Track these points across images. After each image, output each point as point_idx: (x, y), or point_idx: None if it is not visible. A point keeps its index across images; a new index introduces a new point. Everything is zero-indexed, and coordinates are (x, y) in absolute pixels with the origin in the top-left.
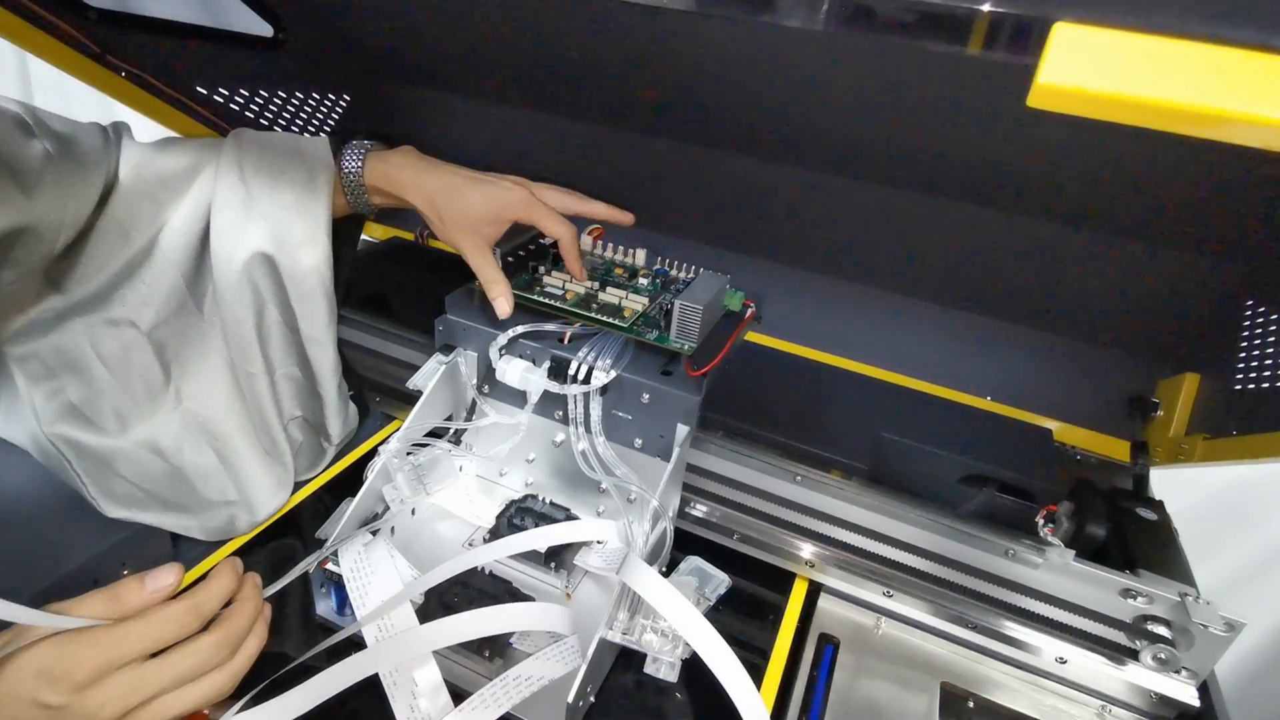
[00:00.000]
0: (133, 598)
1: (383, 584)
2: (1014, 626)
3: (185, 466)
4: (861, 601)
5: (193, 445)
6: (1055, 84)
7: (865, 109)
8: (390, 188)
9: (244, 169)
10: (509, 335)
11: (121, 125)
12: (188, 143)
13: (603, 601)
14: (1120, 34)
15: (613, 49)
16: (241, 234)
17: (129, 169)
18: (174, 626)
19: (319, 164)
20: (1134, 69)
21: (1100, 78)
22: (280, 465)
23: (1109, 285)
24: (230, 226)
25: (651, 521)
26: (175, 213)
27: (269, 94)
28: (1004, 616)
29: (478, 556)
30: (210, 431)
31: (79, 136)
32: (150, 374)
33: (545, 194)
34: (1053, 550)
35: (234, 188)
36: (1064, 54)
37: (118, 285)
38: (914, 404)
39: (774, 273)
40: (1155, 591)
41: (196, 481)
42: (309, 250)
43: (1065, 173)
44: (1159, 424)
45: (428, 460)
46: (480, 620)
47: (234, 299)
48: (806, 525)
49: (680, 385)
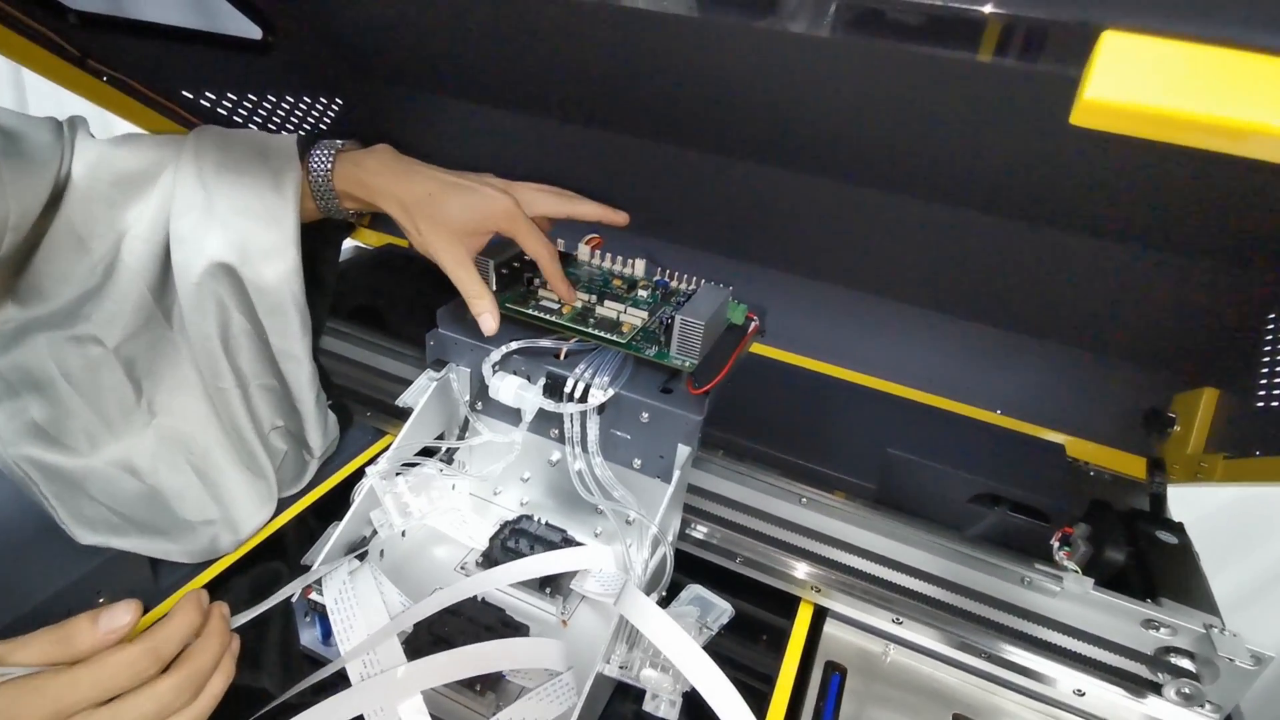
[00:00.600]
0: (84, 639)
1: (369, 615)
2: (1029, 656)
3: (161, 486)
4: (869, 628)
5: (169, 463)
6: (1104, 99)
7: (873, 114)
8: (362, 194)
9: (203, 170)
10: (503, 351)
11: (78, 120)
12: (149, 139)
13: (600, 628)
14: (1180, 44)
15: (610, 52)
16: (200, 243)
17: (83, 168)
18: (128, 672)
19: (285, 166)
20: (1196, 84)
21: (1157, 93)
22: (262, 480)
23: (1124, 294)
24: (188, 234)
25: (651, 548)
26: (135, 218)
27: (258, 98)
28: (1019, 645)
29: (466, 589)
30: (187, 447)
31: (26, 131)
32: (120, 391)
33: (532, 196)
34: (1070, 578)
35: (192, 191)
36: (1114, 66)
37: (81, 301)
38: (922, 418)
39: (778, 282)
40: (1179, 623)
41: (174, 502)
42: (276, 262)
43: (1079, 180)
44: (1176, 440)
45: (418, 481)
46: (470, 659)
47: (195, 313)
48: (812, 549)
49: (681, 404)
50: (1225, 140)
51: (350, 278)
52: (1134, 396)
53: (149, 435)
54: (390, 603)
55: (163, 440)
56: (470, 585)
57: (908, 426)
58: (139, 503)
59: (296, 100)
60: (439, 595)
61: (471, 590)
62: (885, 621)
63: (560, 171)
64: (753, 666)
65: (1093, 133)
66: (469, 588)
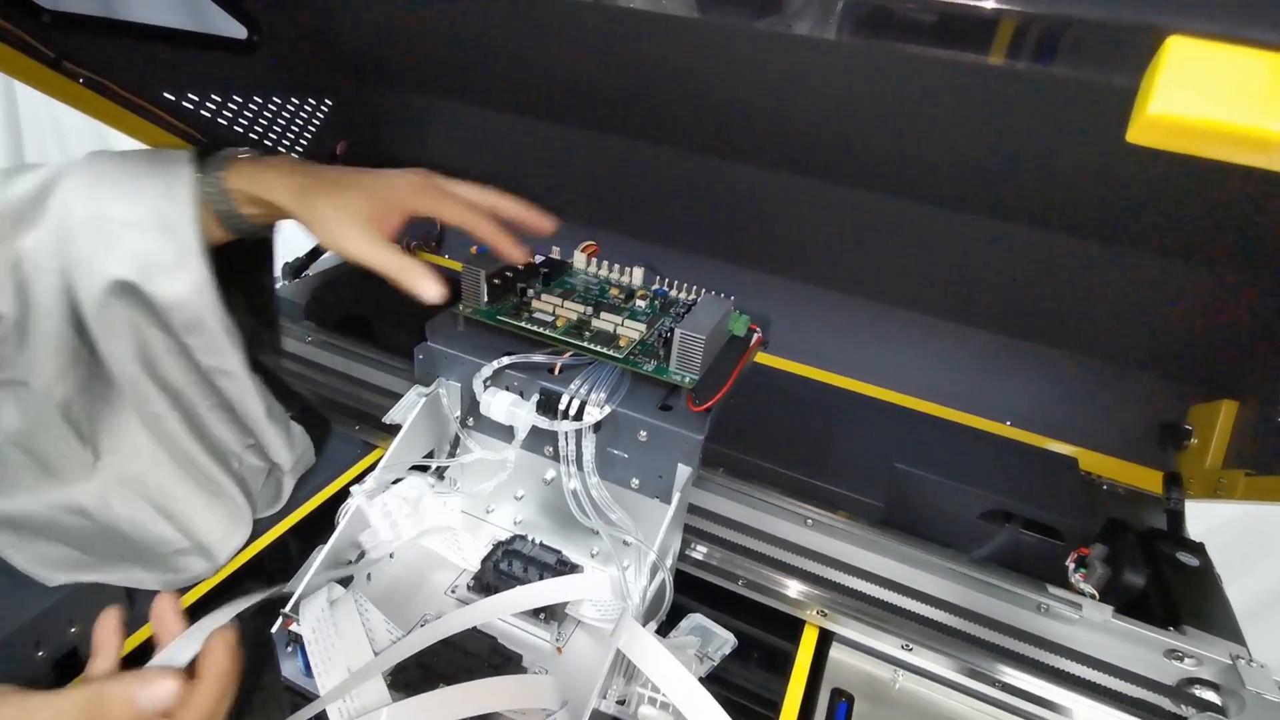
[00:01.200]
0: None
1: (350, 648)
2: (1045, 685)
3: (117, 522)
4: (878, 653)
5: (123, 498)
6: (1170, 114)
7: (882, 117)
8: (257, 189)
9: (96, 189)
10: (494, 366)
11: None
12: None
13: (597, 655)
14: (1259, 54)
15: (607, 52)
16: (98, 263)
17: None
18: None
19: (176, 173)
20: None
21: (1232, 108)
22: (230, 503)
23: (1138, 302)
24: (85, 256)
25: (650, 574)
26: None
27: (243, 99)
28: (1034, 674)
29: (454, 624)
30: (140, 483)
31: None
32: (58, 436)
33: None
34: (1090, 605)
35: (84, 210)
36: (1181, 76)
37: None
38: (930, 431)
39: (781, 289)
40: (1204, 653)
41: (134, 534)
42: (180, 275)
43: (1095, 187)
44: (1193, 453)
45: (408, 499)
46: (458, 700)
47: (107, 337)
48: (819, 573)
49: (681, 422)
50: None
51: (339, 285)
52: (1149, 408)
53: (95, 478)
54: (376, 632)
55: (112, 481)
56: (458, 621)
57: (915, 439)
58: (99, 539)
59: (284, 102)
60: (424, 632)
61: (459, 626)
62: (894, 647)
63: (559, 174)
64: (757, 692)
65: (1116, 141)
66: (456, 624)
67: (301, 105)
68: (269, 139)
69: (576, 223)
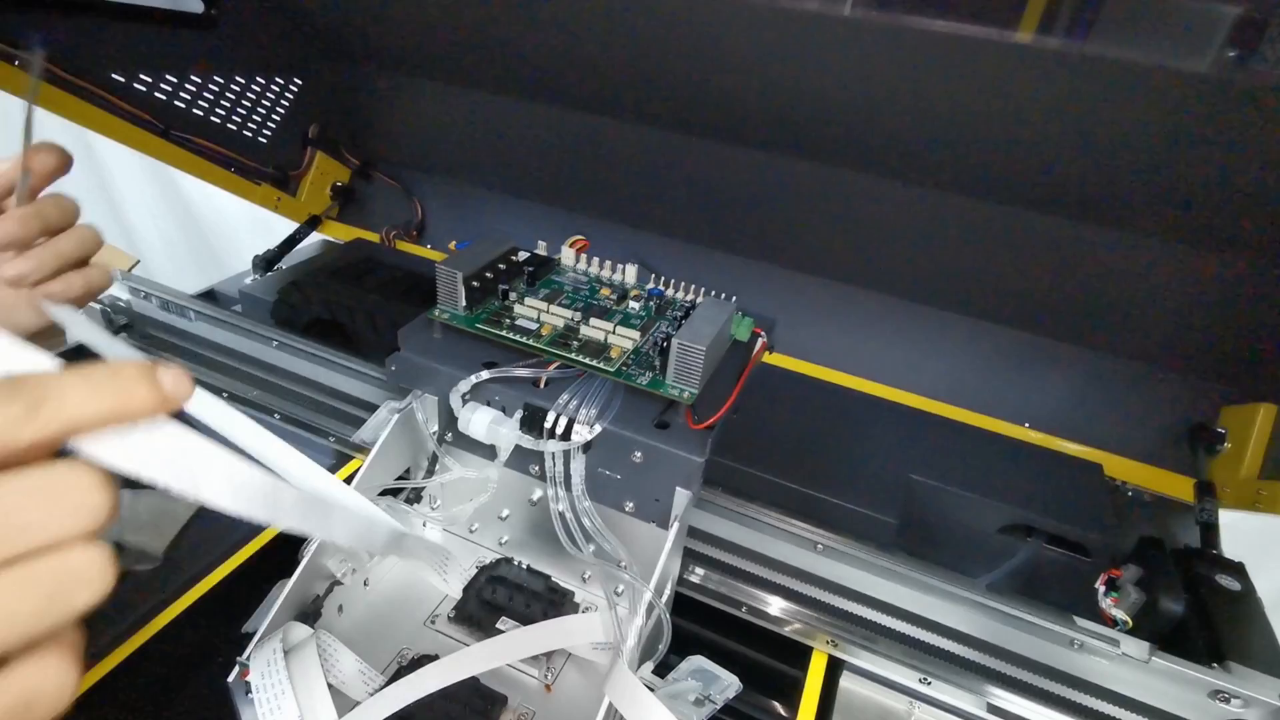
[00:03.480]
0: None
1: (306, 701)
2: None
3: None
4: (892, 683)
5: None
6: None
7: (897, 100)
8: None
9: None
10: (473, 380)
11: None
12: None
13: (588, 695)
14: None
15: (595, 26)
16: None
17: None
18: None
19: None
20: None
21: None
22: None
23: (1168, 297)
24: None
25: (646, 613)
26: None
27: (202, 80)
28: (1065, 713)
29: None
30: None
31: None
32: None
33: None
34: (1128, 642)
35: None
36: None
37: None
38: (945, 436)
39: (783, 282)
40: (1253, 695)
41: None
42: None
43: (1124, 173)
44: (1227, 460)
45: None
46: None
47: None
48: (829, 601)
49: (680, 442)
50: None
51: (313, 281)
52: (1178, 410)
53: None
54: (347, 676)
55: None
56: (434, 678)
57: (930, 446)
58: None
59: (248, 81)
60: (395, 691)
61: (435, 685)
62: (912, 680)
63: (542, 160)
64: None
65: (1150, 123)
66: (431, 683)
67: (268, 85)
68: (233, 122)
69: (562, 209)
